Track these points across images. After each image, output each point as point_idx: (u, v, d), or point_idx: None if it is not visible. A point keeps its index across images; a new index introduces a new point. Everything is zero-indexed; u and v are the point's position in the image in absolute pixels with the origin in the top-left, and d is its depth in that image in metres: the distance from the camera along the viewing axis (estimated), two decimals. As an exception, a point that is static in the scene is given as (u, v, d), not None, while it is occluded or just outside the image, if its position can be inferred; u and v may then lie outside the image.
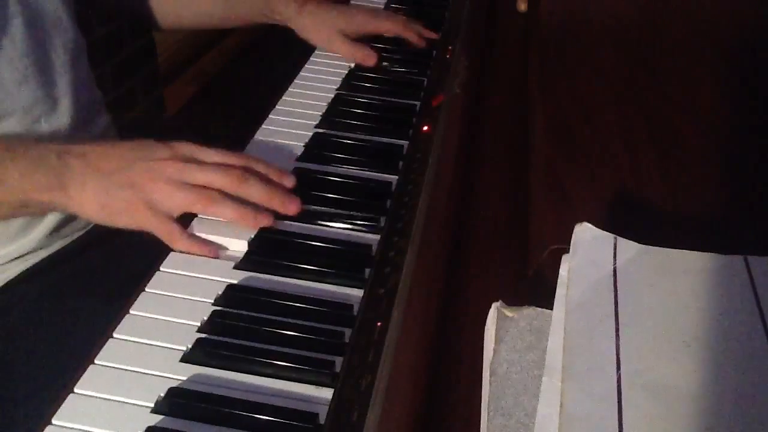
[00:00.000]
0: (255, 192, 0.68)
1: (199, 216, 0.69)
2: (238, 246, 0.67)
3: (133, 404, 0.52)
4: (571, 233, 0.51)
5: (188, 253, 0.66)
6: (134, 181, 0.66)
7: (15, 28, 0.76)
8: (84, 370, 0.54)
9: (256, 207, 0.68)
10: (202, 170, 0.67)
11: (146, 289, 0.61)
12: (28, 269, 0.83)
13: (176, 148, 0.69)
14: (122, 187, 0.66)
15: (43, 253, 0.84)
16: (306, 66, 1.01)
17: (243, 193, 0.67)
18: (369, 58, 0.98)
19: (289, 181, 0.72)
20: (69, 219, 0.85)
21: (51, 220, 0.82)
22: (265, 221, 0.68)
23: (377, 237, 0.68)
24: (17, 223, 0.80)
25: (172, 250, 0.66)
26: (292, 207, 0.69)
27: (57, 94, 0.81)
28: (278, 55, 1.00)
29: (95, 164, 0.68)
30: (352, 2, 1.21)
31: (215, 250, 0.66)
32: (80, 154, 0.68)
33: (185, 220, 0.68)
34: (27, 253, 0.82)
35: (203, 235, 0.67)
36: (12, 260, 0.81)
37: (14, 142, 0.72)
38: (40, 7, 0.79)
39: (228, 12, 1.06)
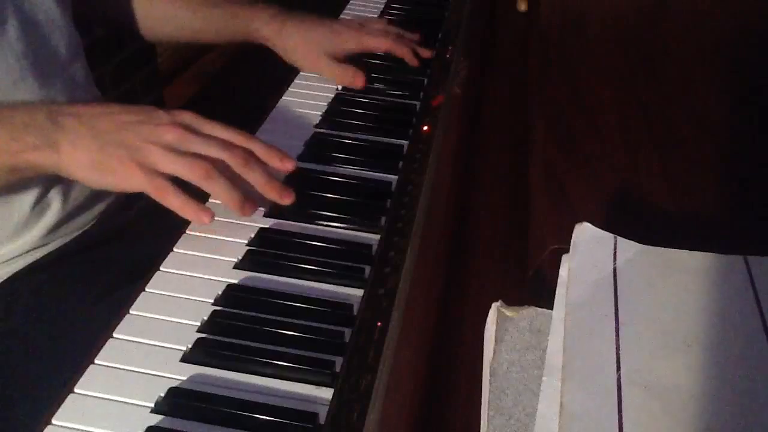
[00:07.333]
0: (256, 176, 0.68)
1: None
2: (238, 246, 0.67)
3: (133, 404, 0.52)
4: (571, 233, 0.51)
5: (181, 215, 0.65)
6: (130, 141, 0.64)
7: (10, 29, 0.75)
8: (84, 370, 0.54)
9: (245, 193, 0.67)
10: (203, 142, 0.66)
11: (146, 289, 0.61)
12: (27, 268, 0.82)
13: (178, 115, 0.67)
14: (116, 147, 0.64)
15: (42, 252, 0.83)
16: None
17: (244, 175, 0.67)
18: (358, 80, 0.93)
19: (290, 164, 0.71)
20: (68, 217, 0.84)
21: (50, 217, 0.82)
22: (249, 211, 0.68)
23: (377, 237, 0.68)
24: (16, 221, 0.80)
25: (173, 250, 0.66)
26: (287, 198, 0.69)
27: (53, 94, 0.81)
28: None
29: (89, 123, 0.66)
30: (352, 1, 1.21)
31: (209, 215, 0.66)
32: (73, 113, 0.67)
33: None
34: (26, 252, 0.82)
35: (202, 234, 0.67)
36: (11, 259, 0.81)
37: (1, 105, 0.70)
38: (35, 8, 0.78)
39: (205, 27, 0.99)
